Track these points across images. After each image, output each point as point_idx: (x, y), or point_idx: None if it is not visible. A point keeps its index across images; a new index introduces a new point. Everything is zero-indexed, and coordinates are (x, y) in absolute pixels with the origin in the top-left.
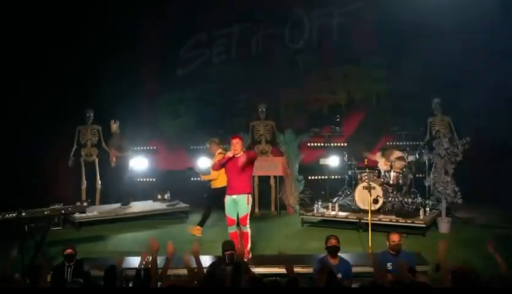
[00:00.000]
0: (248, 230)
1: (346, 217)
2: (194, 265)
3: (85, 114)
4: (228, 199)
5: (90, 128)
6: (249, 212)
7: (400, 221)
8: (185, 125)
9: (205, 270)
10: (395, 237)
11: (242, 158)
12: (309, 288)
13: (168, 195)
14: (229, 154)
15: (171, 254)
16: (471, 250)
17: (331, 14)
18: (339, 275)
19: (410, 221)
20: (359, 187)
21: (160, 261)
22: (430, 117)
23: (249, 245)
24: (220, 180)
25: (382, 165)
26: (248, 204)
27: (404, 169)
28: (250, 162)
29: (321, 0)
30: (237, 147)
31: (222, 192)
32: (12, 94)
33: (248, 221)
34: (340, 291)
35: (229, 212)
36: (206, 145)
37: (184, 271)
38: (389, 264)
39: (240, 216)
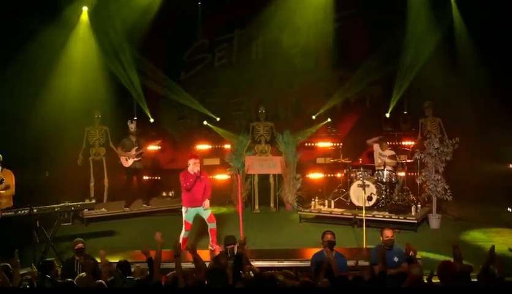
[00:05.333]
0: (215, 226)
1: (342, 214)
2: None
3: (93, 115)
4: (191, 210)
5: (98, 129)
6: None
7: (393, 217)
8: (188, 125)
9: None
10: (388, 233)
11: (205, 181)
12: (310, 288)
13: (173, 192)
14: (195, 173)
15: (161, 243)
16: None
17: (327, 20)
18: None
19: (402, 217)
20: (354, 184)
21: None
22: (421, 118)
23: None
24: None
25: (377, 153)
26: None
27: (396, 168)
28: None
29: (318, 5)
30: (198, 167)
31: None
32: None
33: (214, 217)
34: (344, 291)
35: (190, 219)
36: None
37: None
38: None
39: (208, 216)
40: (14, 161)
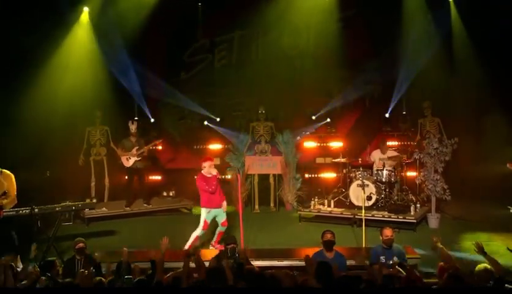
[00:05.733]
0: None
1: (341, 213)
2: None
3: (94, 115)
4: (214, 210)
5: (99, 129)
6: None
7: (392, 217)
8: (188, 125)
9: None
10: (388, 232)
11: (218, 180)
12: (310, 288)
13: (173, 192)
14: (216, 175)
15: (165, 246)
16: (458, 245)
17: (327, 20)
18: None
19: (401, 217)
20: (354, 184)
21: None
22: (420, 118)
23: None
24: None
25: (377, 159)
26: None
27: (396, 168)
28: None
29: (318, 6)
30: (214, 168)
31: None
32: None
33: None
34: (346, 292)
35: (210, 219)
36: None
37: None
38: (382, 258)
39: (223, 220)
40: (15, 161)
